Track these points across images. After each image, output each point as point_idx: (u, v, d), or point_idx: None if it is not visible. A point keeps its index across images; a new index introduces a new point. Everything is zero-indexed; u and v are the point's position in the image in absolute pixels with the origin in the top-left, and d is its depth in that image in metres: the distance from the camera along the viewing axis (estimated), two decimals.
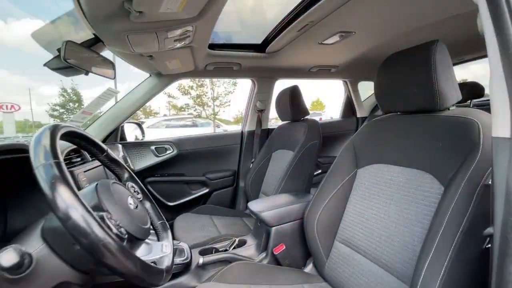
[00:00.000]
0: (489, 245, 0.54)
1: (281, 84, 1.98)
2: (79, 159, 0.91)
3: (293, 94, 1.62)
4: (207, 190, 1.94)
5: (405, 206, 0.81)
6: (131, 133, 2.01)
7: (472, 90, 1.92)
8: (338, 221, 1.02)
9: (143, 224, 0.57)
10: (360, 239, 0.92)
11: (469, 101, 2.01)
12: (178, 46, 1.12)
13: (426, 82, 0.78)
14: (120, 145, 1.64)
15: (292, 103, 1.62)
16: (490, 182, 0.59)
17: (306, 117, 1.67)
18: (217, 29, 1.54)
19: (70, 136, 0.56)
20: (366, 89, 2.59)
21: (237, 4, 1.50)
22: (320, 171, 2.30)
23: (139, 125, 2.01)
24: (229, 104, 13.37)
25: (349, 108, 2.48)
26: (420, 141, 0.82)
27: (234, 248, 1.17)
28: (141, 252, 0.57)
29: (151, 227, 0.73)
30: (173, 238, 1.45)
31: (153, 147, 1.79)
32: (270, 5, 1.49)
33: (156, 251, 0.61)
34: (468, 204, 0.61)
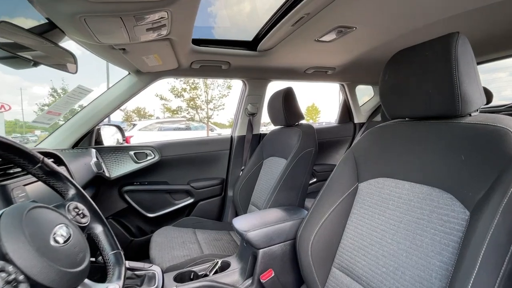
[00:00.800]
0: None
1: (275, 87, 1.84)
2: (19, 169, 0.74)
3: (287, 97, 1.48)
4: (191, 200, 1.77)
5: (418, 232, 0.67)
6: (111, 136, 1.84)
7: None
8: (336, 244, 0.87)
9: (71, 267, 0.41)
10: (362, 268, 0.77)
11: None
12: (153, 37, 0.97)
13: (446, 82, 0.64)
14: (93, 150, 1.46)
15: (286, 106, 1.48)
16: None
17: (301, 122, 1.53)
18: (203, 24, 1.40)
19: None
20: (363, 94, 2.47)
21: None
22: (315, 179, 2.16)
23: (119, 128, 1.84)
24: (223, 108, 13.20)
25: (346, 113, 2.35)
26: (435, 153, 0.68)
27: (215, 272, 1.01)
28: None
29: (99, 261, 0.57)
30: (148, 258, 1.28)
31: (132, 152, 1.62)
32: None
33: None
34: (509, 238, 0.47)
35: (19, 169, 0.74)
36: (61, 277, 0.38)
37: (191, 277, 1.01)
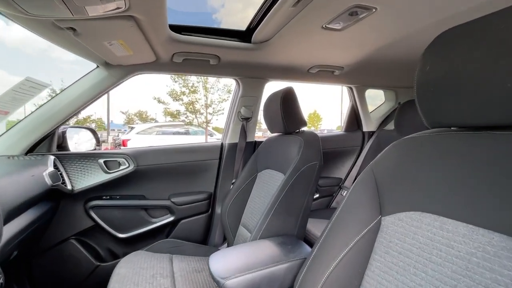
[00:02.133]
0: None
1: (273, 88, 1.59)
2: None
3: (286, 99, 1.23)
4: (172, 218, 1.50)
5: None
6: (87, 142, 1.59)
7: None
8: None
9: None
10: None
11: None
12: (108, 12, 0.73)
13: None
14: (51, 157, 1.21)
15: (285, 110, 1.23)
16: None
17: (302, 129, 1.28)
18: (186, 8, 1.17)
19: None
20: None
21: None
22: (317, 195, 1.89)
23: (93, 131, 1.60)
24: (223, 113, 13.02)
25: (353, 120, 2.10)
26: (509, 182, 0.42)
27: None
28: None
29: None
30: None
31: (101, 161, 1.37)
32: None
33: None
34: None
35: None
36: None
37: None
